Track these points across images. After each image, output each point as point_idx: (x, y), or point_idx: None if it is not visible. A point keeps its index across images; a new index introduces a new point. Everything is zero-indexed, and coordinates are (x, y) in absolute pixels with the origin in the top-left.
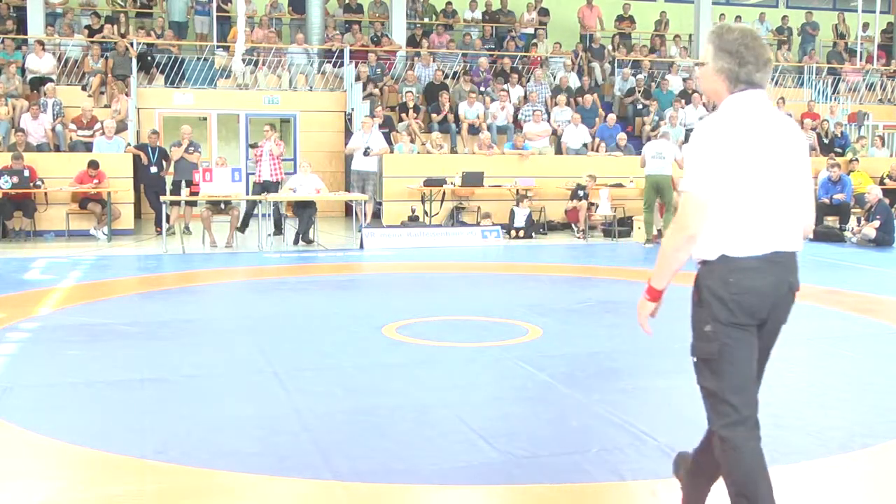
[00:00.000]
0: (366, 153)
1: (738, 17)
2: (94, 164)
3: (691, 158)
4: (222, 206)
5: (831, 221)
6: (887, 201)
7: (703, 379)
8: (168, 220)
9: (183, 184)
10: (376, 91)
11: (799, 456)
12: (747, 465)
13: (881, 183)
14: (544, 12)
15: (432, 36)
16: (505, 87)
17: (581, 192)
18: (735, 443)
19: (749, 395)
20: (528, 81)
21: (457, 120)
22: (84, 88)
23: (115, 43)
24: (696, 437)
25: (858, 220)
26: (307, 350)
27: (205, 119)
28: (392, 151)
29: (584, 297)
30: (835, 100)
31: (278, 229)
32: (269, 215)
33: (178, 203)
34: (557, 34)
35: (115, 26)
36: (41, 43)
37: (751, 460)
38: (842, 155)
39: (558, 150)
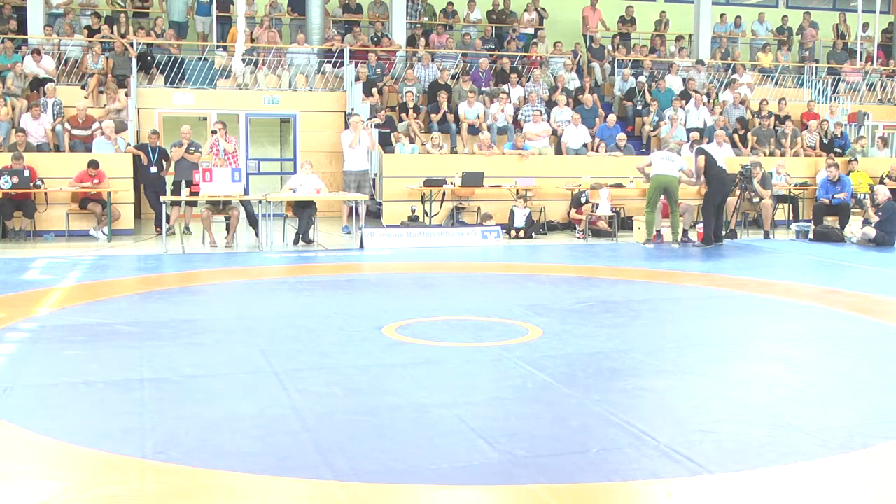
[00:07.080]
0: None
1: (738, 18)
2: (94, 164)
3: None
4: (222, 206)
5: (831, 221)
6: None
7: None
8: (168, 220)
9: (183, 184)
10: (374, 97)
11: (799, 456)
12: None
13: (880, 183)
14: (545, 12)
15: (432, 36)
16: (505, 87)
17: (583, 198)
18: None
19: None
20: (528, 81)
21: (457, 120)
22: (83, 88)
23: (115, 43)
24: (695, 437)
25: (866, 222)
26: (307, 350)
27: (205, 119)
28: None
29: (584, 297)
30: (835, 100)
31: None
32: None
33: (178, 203)
34: (558, 34)
35: (116, 26)
36: (39, 49)
37: None
38: (842, 155)
39: (558, 151)
